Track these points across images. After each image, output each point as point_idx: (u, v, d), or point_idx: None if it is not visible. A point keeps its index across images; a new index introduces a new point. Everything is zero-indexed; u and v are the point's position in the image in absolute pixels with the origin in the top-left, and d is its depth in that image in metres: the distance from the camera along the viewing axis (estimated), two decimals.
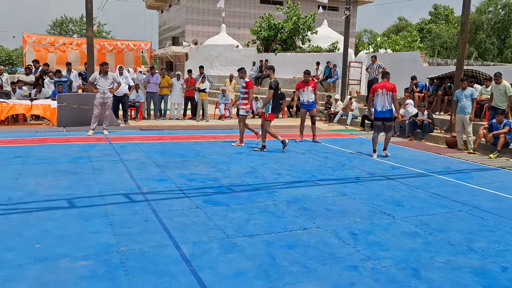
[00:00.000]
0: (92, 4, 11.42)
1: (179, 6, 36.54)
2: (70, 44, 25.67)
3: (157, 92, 14.03)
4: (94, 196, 5.41)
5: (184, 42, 31.30)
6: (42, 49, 24.98)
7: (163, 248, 3.88)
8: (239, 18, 35.80)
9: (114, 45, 26.48)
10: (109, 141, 9.56)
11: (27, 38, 24.55)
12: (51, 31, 56.74)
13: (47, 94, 13.00)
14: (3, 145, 8.55)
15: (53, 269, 3.42)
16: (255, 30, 23.05)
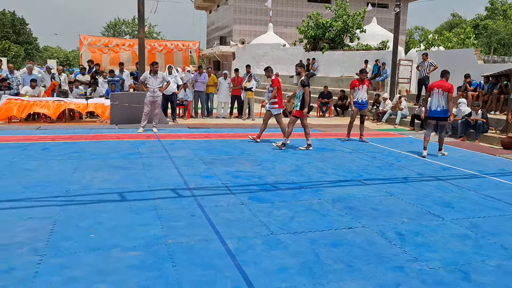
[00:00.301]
0: (144, 6, 11.82)
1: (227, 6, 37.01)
2: (123, 45, 26.65)
3: (204, 91, 14.32)
4: (144, 191, 5.61)
5: (231, 41, 31.68)
6: (97, 50, 26.10)
7: (209, 242, 3.98)
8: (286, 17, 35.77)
9: (164, 46, 27.23)
10: (158, 138, 9.86)
11: (83, 40, 25.73)
12: (105, 33, 59.12)
13: (101, 93, 13.59)
14: (62, 141, 9.03)
15: (106, 258, 3.59)
16: (302, 29, 22.94)
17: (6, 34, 50.01)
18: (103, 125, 11.96)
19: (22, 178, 5.98)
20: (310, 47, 23.22)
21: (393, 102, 15.09)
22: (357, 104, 10.34)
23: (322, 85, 19.07)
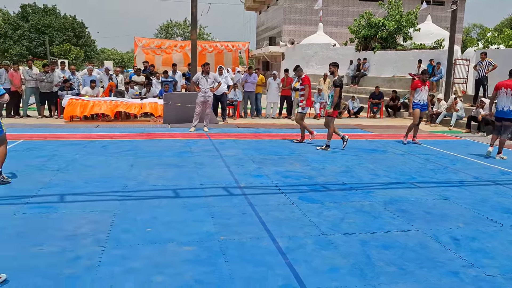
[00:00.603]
0: (197, 9, 12.13)
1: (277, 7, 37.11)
2: (175, 46, 27.41)
3: (254, 91, 14.48)
4: (196, 188, 5.79)
5: (281, 42, 31.74)
6: (150, 52, 27.00)
7: (260, 240, 4.06)
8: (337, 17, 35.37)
9: (214, 47, 27.75)
10: (209, 137, 10.10)
11: (138, 42, 26.72)
12: (158, 35, 60.95)
13: (154, 93, 14.07)
14: (119, 139, 9.46)
15: (162, 251, 3.76)
16: (354, 29, 22.60)
17: (67, 38, 52.75)
18: (156, 124, 12.38)
19: (84, 174, 6.34)
20: (361, 47, 22.83)
21: (448, 103, 14.56)
22: (418, 106, 10.04)
23: (373, 85, 18.72)
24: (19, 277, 3.24)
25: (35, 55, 45.73)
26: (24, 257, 3.57)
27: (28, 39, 50.78)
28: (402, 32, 21.57)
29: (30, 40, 50.87)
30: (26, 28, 51.08)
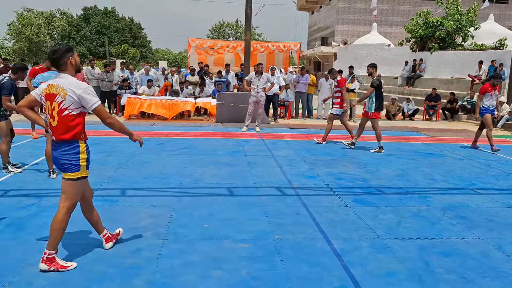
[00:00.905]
0: (251, 10, 12.27)
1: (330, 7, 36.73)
2: (227, 47, 27.78)
3: (306, 92, 14.43)
4: (250, 187, 5.87)
5: (333, 42, 31.40)
6: (203, 52, 27.52)
7: (314, 241, 4.06)
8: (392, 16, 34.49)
9: (266, 47, 27.86)
10: (261, 137, 10.18)
11: (191, 42, 27.33)
12: (210, 35, 62.06)
13: (207, 93, 14.37)
14: (174, 137, 9.76)
15: (219, 247, 3.86)
16: (410, 28, 21.94)
17: (125, 38, 54.90)
18: (209, 123, 12.64)
19: (142, 170, 6.60)
20: (418, 47, 22.12)
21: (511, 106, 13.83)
22: (488, 111, 9.60)
23: (429, 87, 18.09)
24: (87, 265, 3.44)
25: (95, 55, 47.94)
26: (91, 246, 3.79)
27: (89, 40, 53.32)
28: (461, 32, 20.70)
29: (91, 41, 53.38)
30: (87, 29, 53.67)
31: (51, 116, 3.31)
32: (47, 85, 3.34)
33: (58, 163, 3.41)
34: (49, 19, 55.87)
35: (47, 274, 3.28)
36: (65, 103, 3.26)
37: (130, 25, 56.57)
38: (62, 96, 3.26)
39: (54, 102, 3.28)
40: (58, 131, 3.32)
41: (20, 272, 3.30)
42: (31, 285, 3.11)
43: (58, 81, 3.32)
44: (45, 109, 3.38)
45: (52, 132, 3.37)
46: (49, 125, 3.37)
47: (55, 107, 3.27)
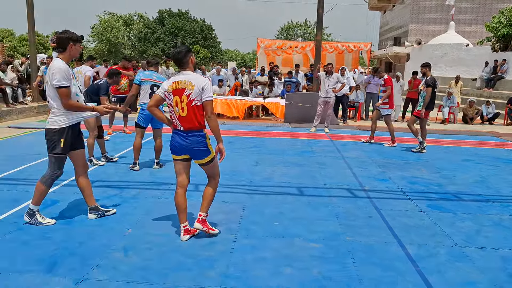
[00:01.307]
0: (323, 10, 12.18)
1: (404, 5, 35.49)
2: (296, 47, 27.69)
3: (377, 93, 14.06)
4: (320, 188, 5.85)
5: (406, 42, 30.30)
6: (271, 53, 27.68)
7: (388, 245, 3.97)
8: (471, 14, 32.63)
9: (335, 47, 27.42)
10: (330, 138, 10.09)
11: (260, 43, 27.55)
12: (279, 36, 62.32)
13: (276, 93, 14.47)
14: (243, 136, 9.95)
15: (289, 245, 3.90)
16: (492, 27, 20.61)
17: (196, 39, 56.70)
18: (278, 123, 12.73)
19: None
20: (500, 47, 20.74)
21: None
22: None
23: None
24: (165, 255, 3.63)
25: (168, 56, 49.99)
26: (169, 237, 3.98)
27: (163, 41, 55.70)
28: None
29: (165, 42, 55.73)
30: (162, 31, 56.09)
31: (181, 108, 3.77)
32: (172, 83, 3.81)
33: (191, 153, 3.92)
34: (127, 22, 59.07)
35: (130, 259, 3.50)
36: (192, 95, 3.74)
37: (202, 27, 58.31)
38: (190, 89, 3.75)
39: (183, 95, 3.76)
40: (187, 121, 3.80)
41: (106, 256, 3.55)
42: (115, 270, 3.34)
43: (183, 77, 3.81)
44: (172, 104, 3.81)
45: (180, 122, 3.82)
46: (177, 116, 3.81)
47: (184, 100, 3.76)
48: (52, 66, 3.96)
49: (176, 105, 3.80)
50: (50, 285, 3.08)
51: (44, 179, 4.16)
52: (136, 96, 7.04)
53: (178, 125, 3.86)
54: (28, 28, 13.80)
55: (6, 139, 8.88)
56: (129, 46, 57.82)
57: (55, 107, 4.03)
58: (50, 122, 4.07)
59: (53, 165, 4.15)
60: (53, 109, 4.06)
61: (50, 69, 3.97)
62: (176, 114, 3.83)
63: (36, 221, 4.17)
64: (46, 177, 4.16)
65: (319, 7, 12.22)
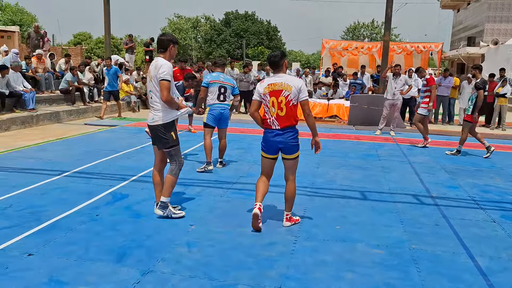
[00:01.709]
0: (391, 10, 11.83)
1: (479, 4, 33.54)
2: (362, 48, 27.07)
3: (448, 96, 13.41)
4: (384, 192, 5.69)
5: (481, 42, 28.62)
6: (336, 54, 27.28)
7: (456, 255, 3.78)
8: None
9: (403, 48, 26.47)
10: (395, 142, 9.77)
11: (325, 43, 27.26)
12: (345, 37, 61.29)
13: (340, 95, 14.25)
14: (306, 137, 9.87)
15: (351, 250, 3.83)
16: None
17: (261, 41, 57.22)
18: (341, 125, 12.52)
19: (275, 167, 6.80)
20: None
21: None
22: None
23: None
24: (226, 252, 3.70)
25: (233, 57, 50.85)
26: (230, 235, 4.06)
27: (228, 42, 56.78)
28: None
29: (230, 43, 56.77)
30: (227, 33, 57.20)
31: (279, 108, 4.09)
32: (268, 85, 4.12)
33: (286, 147, 4.22)
34: (194, 24, 60.88)
35: (193, 255, 3.61)
36: (290, 96, 4.05)
37: (267, 28, 58.72)
38: (288, 90, 4.07)
39: (281, 96, 4.08)
40: (285, 120, 4.12)
41: (171, 251, 3.69)
42: (179, 264, 3.46)
43: (279, 79, 4.14)
44: (268, 104, 4.13)
45: (278, 121, 4.13)
46: (275, 116, 4.13)
47: (282, 100, 4.07)
48: (159, 62, 4.23)
49: (273, 105, 4.10)
50: (119, 274, 3.25)
51: (173, 172, 4.41)
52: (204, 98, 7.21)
53: (273, 125, 4.16)
54: (104, 32, 14.67)
55: (82, 135, 9.49)
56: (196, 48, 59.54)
57: (158, 102, 4.27)
58: (155, 119, 4.32)
59: (174, 157, 4.43)
60: (156, 106, 4.30)
61: (157, 65, 4.23)
62: (273, 114, 4.13)
63: (170, 213, 4.41)
64: (174, 169, 4.42)
65: (387, 6, 11.87)
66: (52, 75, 13.54)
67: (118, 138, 9.16)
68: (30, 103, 10.87)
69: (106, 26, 14.39)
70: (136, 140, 8.94)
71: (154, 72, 4.22)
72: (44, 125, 10.78)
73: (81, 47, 29.86)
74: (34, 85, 12.08)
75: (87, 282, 3.12)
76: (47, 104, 12.21)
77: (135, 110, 14.63)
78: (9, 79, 10.60)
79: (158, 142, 4.37)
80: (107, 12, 14.23)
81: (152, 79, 4.25)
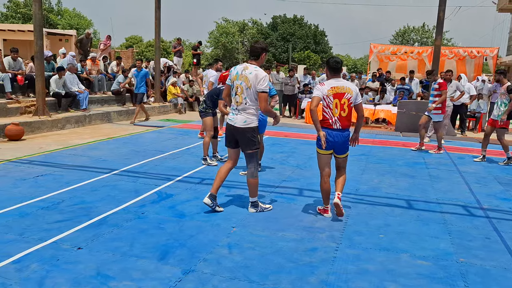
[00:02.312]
0: (444, 13, 11.43)
1: None
2: (411, 52, 26.33)
3: None
4: (431, 202, 5.49)
5: None
6: (384, 58, 26.68)
7: (508, 271, 3.58)
8: None
9: (456, 52, 25.51)
10: (444, 150, 9.42)
11: (374, 48, 26.74)
12: (393, 41, 59.89)
13: (388, 100, 13.93)
14: None
15: (395, 260, 3.72)
16: None
17: (307, 45, 56.94)
18: (388, 131, 12.24)
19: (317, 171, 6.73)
20: None
21: None
22: None
23: None
24: (267, 256, 3.70)
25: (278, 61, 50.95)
26: (271, 239, 4.06)
27: (274, 46, 56.89)
28: None
29: (276, 47, 56.87)
30: (274, 36, 57.34)
31: (342, 109, 4.54)
32: (331, 88, 4.53)
33: (342, 147, 4.72)
34: (242, 28, 61.50)
35: (234, 257, 3.64)
36: (352, 98, 4.55)
37: (314, 32, 58.38)
38: (350, 94, 4.57)
39: (344, 99, 4.54)
40: (346, 120, 4.59)
41: (212, 251, 3.73)
42: (219, 265, 3.49)
43: (341, 83, 4.60)
44: (331, 106, 4.53)
45: (340, 122, 4.56)
46: (338, 116, 4.54)
47: (345, 102, 4.53)
48: (260, 73, 4.52)
49: (336, 107, 4.52)
50: (162, 272, 3.33)
51: (253, 174, 4.71)
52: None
53: (335, 124, 4.56)
54: (154, 35, 15.11)
55: (130, 135, 9.81)
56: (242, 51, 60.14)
57: (253, 108, 4.58)
58: (248, 121, 4.61)
59: (253, 159, 4.74)
60: (250, 110, 4.59)
61: (257, 75, 4.52)
62: (335, 115, 4.55)
63: (262, 208, 4.83)
64: (254, 171, 4.73)
65: (440, 10, 11.48)
66: (104, 76, 14.10)
67: (164, 139, 9.40)
68: (83, 103, 11.37)
69: (156, 30, 14.81)
70: (181, 141, 9.14)
71: (254, 81, 4.50)
72: (95, 125, 11.25)
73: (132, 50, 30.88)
74: (88, 86, 12.63)
75: (132, 277, 3.22)
76: (99, 105, 12.74)
77: (182, 112, 14.96)
78: (65, 80, 11.14)
79: (246, 143, 4.66)
80: (157, 17, 14.65)
81: (251, 87, 4.52)
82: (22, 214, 4.45)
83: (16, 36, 24.24)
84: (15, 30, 24.63)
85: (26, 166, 6.49)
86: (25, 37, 23.72)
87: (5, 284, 3.03)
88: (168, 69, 16.69)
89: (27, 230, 4.03)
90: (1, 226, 4.09)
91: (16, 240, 3.79)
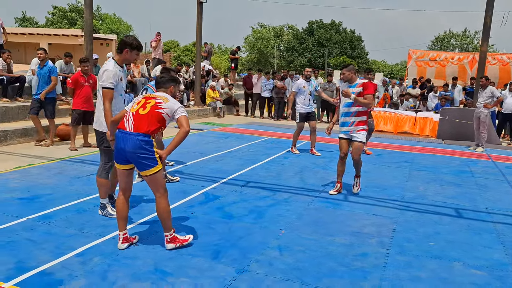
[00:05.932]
0: (491, 19, 11.14)
1: None
2: (452, 58, 25.71)
3: None
4: (481, 211, 5.38)
5: None
6: (423, 64, 26.13)
7: None
8: None
9: (499, 59, 24.74)
10: (491, 159, 9.17)
11: (412, 54, 26.27)
12: (432, 47, 58.56)
13: (430, 107, 13.66)
14: (392, 150, 9.62)
15: (447, 268, 3.67)
16: None
17: (344, 50, 56.46)
18: (429, 138, 12.00)
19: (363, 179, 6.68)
20: None
21: None
22: None
23: None
24: (318, 259, 3.73)
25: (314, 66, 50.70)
26: (320, 243, 4.08)
27: (310, 51, 56.73)
28: None
29: (312, 52, 56.67)
30: (309, 42, 57.18)
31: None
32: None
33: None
34: (277, 33, 61.66)
35: (285, 259, 3.69)
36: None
37: (351, 38, 57.86)
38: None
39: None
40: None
41: (263, 253, 3.80)
42: (271, 266, 3.55)
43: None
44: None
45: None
46: None
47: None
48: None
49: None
50: (216, 271, 3.42)
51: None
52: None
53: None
54: (196, 40, 15.41)
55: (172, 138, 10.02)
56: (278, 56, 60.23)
57: None
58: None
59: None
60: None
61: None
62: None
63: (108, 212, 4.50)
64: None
65: (486, 16, 11.20)
66: (147, 80, 14.47)
67: (206, 141, 9.56)
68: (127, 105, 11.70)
69: (198, 35, 15.09)
70: (223, 144, 9.28)
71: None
72: None
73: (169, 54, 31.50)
74: (131, 89, 13.01)
75: (188, 275, 3.32)
76: None
77: (220, 115, 15.15)
78: None
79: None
80: (199, 22, 14.94)
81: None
82: (80, 210, 4.66)
83: (61, 40, 25.26)
84: (59, 35, 25.68)
85: (79, 164, 6.77)
86: (69, 41, 24.72)
87: (72, 276, 3.20)
88: (207, 74, 16.96)
89: (86, 225, 4.23)
90: (63, 221, 4.30)
91: (77, 235, 3.97)
